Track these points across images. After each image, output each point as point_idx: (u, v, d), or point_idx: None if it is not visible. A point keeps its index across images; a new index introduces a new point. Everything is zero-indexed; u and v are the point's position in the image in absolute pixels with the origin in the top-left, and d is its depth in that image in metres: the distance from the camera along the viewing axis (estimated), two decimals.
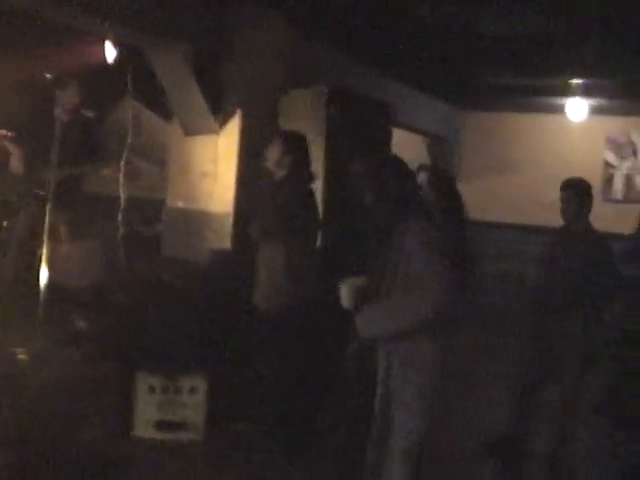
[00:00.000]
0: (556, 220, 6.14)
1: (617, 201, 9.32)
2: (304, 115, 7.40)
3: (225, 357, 6.16)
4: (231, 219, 7.07)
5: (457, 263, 4.71)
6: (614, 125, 12.62)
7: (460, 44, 8.40)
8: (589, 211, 5.88)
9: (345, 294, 4.10)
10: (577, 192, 5.87)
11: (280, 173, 5.80)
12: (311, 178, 5.92)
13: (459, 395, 7.07)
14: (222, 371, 6.01)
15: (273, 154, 5.79)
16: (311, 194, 6.02)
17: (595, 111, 11.60)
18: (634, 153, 12.64)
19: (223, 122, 7.24)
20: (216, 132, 7.28)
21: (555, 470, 5.84)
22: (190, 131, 7.43)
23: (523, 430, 6.04)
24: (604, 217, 6.41)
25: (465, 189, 8.13)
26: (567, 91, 10.71)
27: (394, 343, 4.00)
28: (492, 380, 7.94)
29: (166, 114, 8.04)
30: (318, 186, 6.57)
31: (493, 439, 6.11)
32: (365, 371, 4.23)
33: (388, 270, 3.99)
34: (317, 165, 6.74)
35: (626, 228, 8.78)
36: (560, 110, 11.57)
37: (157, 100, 7.81)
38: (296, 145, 5.86)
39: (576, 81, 10.05)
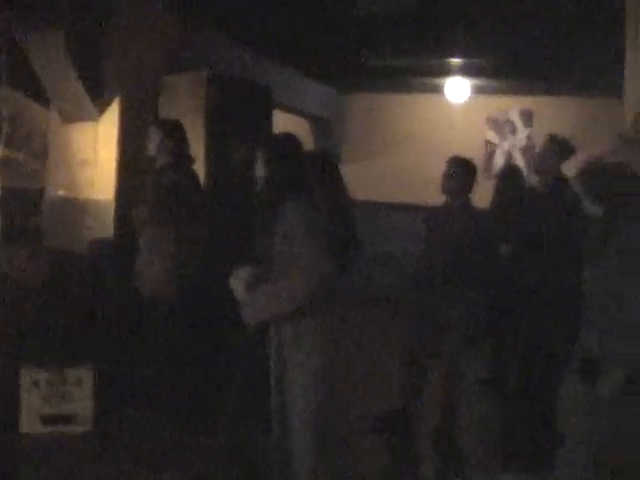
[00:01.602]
0: (438, 199, 6.24)
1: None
2: (184, 99, 7.34)
3: (111, 346, 6.08)
4: (113, 206, 6.95)
5: (340, 244, 4.77)
6: (494, 104, 12.86)
7: (339, 25, 8.42)
8: (470, 188, 6.00)
9: (236, 287, 4.10)
10: (460, 169, 5.98)
11: (162, 159, 5.83)
12: (192, 161, 5.98)
13: (351, 372, 7.17)
14: (109, 361, 5.94)
15: (153, 142, 5.83)
16: (195, 177, 6.04)
17: (475, 91, 11.80)
18: (513, 131, 12.93)
19: (102, 108, 7.10)
20: (95, 119, 7.13)
21: (442, 445, 5.96)
22: (68, 118, 7.26)
23: (411, 406, 6.15)
24: (486, 194, 6.54)
25: (349, 170, 8.23)
26: (447, 71, 10.86)
27: (283, 324, 4.04)
28: (382, 357, 8.04)
29: (45, 101, 7.85)
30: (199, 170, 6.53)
31: (382, 415, 6.19)
32: (259, 353, 4.25)
33: (273, 253, 4.01)
34: (198, 149, 6.70)
35: None
36: (441, 90, 11.73)
37: (36, 87, 7.61)
38: (174, 131, 5.91)
39: (455, 61, 10.18)
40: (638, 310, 3.34)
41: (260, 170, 4.13)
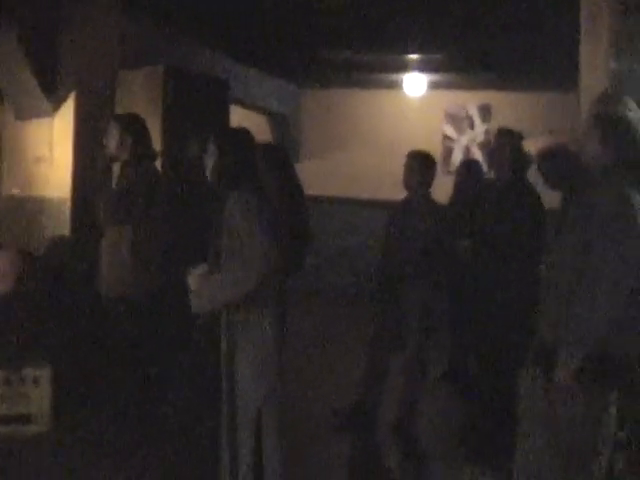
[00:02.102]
0: (396, 194, 6.26)
1: None
2: (140, 95, 7.28)
3: (69, 345, 6.03)
4: (69, 204, 6.89)
5: (292, 236, 4.80)
6: (452, 99, 12.93)
7: (296, 20, 8.41)
8: (431, 182, 6.04)
9: (192, 281, 4.11)
10: (420, 163, 6.01)
11: (122, 156, 5.77)
12: (154, 156, 5.93)
13: (310, 366, 7.17)
14: (66, 360, 5.88)
15: (112, 139, 5.75)
16: (156, 173, 6.00)
17: (433, 86, 11.87)
18: (471, 126, 13.01)
19: (57, 104, 7.02)
20: (50, 115, 7.05)
21: (401, 440, 5.97)
22: (22, 115, 7.17)
23: (371, 399, 6.16)
24: (444, 189, 6.57)
25: (307, 165, 8.25)
26: (405, 66, 10.90)
27: (232, 314, 4.06)
28: (342, 351, 8.06)
29: None
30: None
31: (343, 409, 6.20)
32: (211, 344, 4.26)
33: (222, 243, 4.02)
34: (155, 144, 6.65)
35: None
36: (399, 85, 11.79)
37: None
38: (134, 126, 5.83)
39: (413, 56, 10.22)
40: (591, 297, 3.40)
41: (209, 161, 4.15)
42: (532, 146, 5.87)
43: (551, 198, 4.82)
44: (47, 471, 5.04)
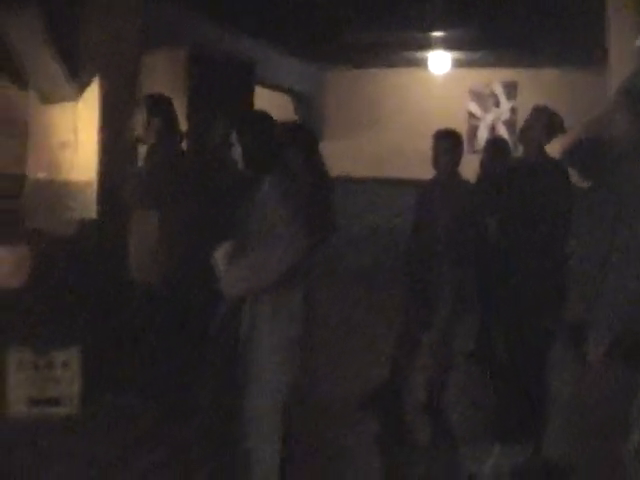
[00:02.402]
0: (422, 173, 6.23)
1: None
2: (164, 77, 7.28)
3: (98, 329, 6.05)
4: (95, 188, 6.89)
5: (320, 219, 4.77)
6: (476, 77, 12.85)
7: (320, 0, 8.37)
8: (459, 161, 6.04)
9: (219, 262, 4.08)
10: (448, 142, 6.00)
11: (149, 139, 5.74)
12: (181, 138, 5.90)
13: (338, 348, 7.17)
14: (96, 343, 5.91)
15: (140, 120, 5.72)
16: (183, 156, 5.98)
17: (457, 64, 11.78)
18: (496, 104, 12.92)
19: (81, 88, 7.02)
20: (75, 99, 7.05)
21: (433, 418, 5.97)
22: (47, 99, 7.18)
23: (401, 380, 6.15)
24: (469, 168, 6.52)
25: (332, 146, 8.20)
26: (428, 44, 10.83)
27: (258, 298, 4.02)
28: (370, 332, 8.05)
29: (23, 84, 7.77)
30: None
31: (372, 390, 6.19)
32: (232, 332, 4.22)
33: (252, 227, 4.00)
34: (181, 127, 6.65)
35: None
36: (423, 64, 11.71)
37: (12, 68, 7.52)
38: (162, 108, 5.79)
39: (437, 34, 10.15)
40: (621, 276, 3.36)
41: (236, 146, 4.11)
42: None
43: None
44: (75, 453, 5.07)
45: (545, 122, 5.80)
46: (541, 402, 4.54)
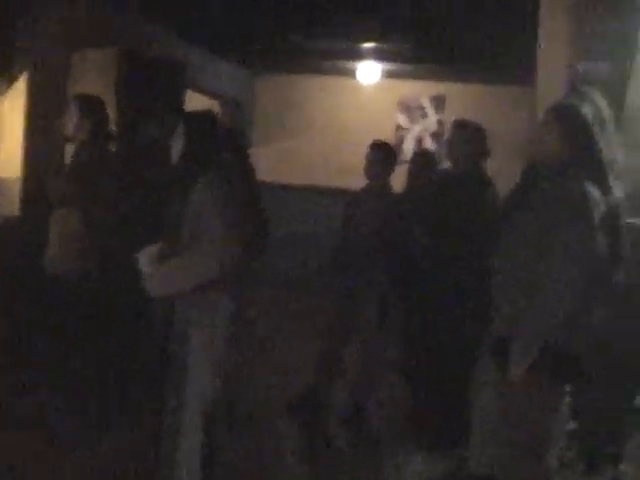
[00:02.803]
0: (348, 181, 6.28)
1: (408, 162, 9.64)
2: (95, 77, 7.18)
3: (18, 325, 5.96)
4: (19, 184, 6.79)
5: (250, 224, 4.77)
6: (406, 89, 12.95)
7: (251, 5, 8.35)
8: (391, 172, 6.16)
9: (143, 262, 4.05)
10: (382, 154, 6.11)
11: (79, 137, 5.68)
12: (110, 138, 5.85)
13: (262, 354, 7.16)
14: (14, 340, 5.82)
15: (70, 119, 5.65)
16: (112, 155, 5.93)
17: (387, 75, 11.88)
18: (424, 116, 13.05)
19: (8, 84, 6.91)
20: (1, 94, 6.94)
21: (356, 426, 6.00)
22: None
23: (325, 388, 6.18)
24: (395, 178, 6.57)
25: (259, 151, 8.22)
26: (359, 55, 10.90)
27: (189, 300, 4.01)
28: (296, 339, 8.06)
29: None
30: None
31: (296, 398, 6.20)
32: (164, 331, 4.20)
33: (184, 229, 3.98)
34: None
35: None
36: (353, 73, 11.78)
37: None
38: (93, 108, 5.75)
39: (367, 45, 10.22)
40: (547, 293, 3.42)
41: (177, 145, 4.09)
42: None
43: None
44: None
45: (467, 136, 5.90)
46: (465, 414, 4.58)
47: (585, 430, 4.57)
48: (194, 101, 9.52)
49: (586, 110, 3.60)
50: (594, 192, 3.45)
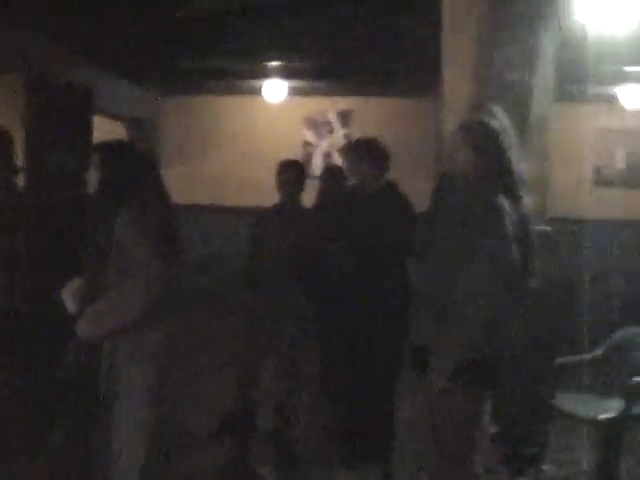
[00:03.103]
0: (258, 200, 6.29)
1: (317, 178, 9.74)
2: (1, 103, 7.08)
3: None
4: None
5: (169, 249, 4.75)
6: (312, 105, 13.05)
7: (155, 27, 8.32)
8: (302, 189, 6.18)
9: (67, 299, 3.99)
10: (294, 172, 6.14)
11: None
12: (16, 171, 5.71)
13: (190, 378, 7.13)
14: None
15: None
16: (15, 188, 5.80)
17: (293, 92, 11.95)
18: (331, 131, 13.17)
19: None
20: None
21: (280, 443, 6.01)
22: None
23: (249, 406, 6.18)
24: (305, 194, 6.61)
25: (168, 173, 8.16)
26: (264, 73, 10.94)
27: (118, 338, 3.93)
28: (216, 359, 8.03)
29: None
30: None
31: (224, 418, 6.20)
32: (87, 373, 4.08)
33: (107, 261, 3.93)
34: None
35: None
36: (259, 92, 11.81)
37: None
38: None
39: (273, 63, 10.28)
40: (464, 300, 3.51)
41: (93, 175, 4.04)
42: None
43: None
44: None
45: (363, 154, 5.99)
46: (388, 427, 4.66)
47: (506, 433, 4.68)
48: (96, 122, 9.40)
49: (495, 124, 3.72)
50: (506, 204, 3.56)
